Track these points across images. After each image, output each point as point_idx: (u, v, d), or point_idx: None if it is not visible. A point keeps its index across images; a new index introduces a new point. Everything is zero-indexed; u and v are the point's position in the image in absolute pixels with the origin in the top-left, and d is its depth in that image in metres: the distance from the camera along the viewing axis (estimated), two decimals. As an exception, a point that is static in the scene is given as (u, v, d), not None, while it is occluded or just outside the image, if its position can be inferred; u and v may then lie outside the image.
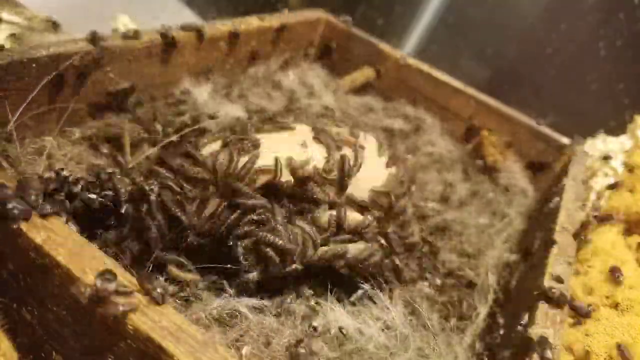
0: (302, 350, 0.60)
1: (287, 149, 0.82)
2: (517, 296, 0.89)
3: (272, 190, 0.78)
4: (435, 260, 0.98)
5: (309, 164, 0.80)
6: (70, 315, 0.58)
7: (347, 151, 0.85)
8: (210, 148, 0.83)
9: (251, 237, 0.72)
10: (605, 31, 1.70)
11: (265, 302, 0.73)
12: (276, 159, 0.78)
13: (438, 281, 0.94)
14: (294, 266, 0.73)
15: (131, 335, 0.53)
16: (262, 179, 0.78)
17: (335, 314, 0.74)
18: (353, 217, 0.82)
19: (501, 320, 0.86)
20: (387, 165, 0.91)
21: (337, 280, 0.80)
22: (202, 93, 1.10)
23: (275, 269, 0.73)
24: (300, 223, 0.76)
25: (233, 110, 1.08)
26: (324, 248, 0.76)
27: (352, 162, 0.83)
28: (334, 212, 0.80)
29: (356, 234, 0.81)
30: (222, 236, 0.73)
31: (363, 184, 0.85)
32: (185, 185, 0.75)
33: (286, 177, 0.79)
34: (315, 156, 0.83)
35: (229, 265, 0.72)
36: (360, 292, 0.80)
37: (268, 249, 0.72)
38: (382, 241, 0.85)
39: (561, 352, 0.70)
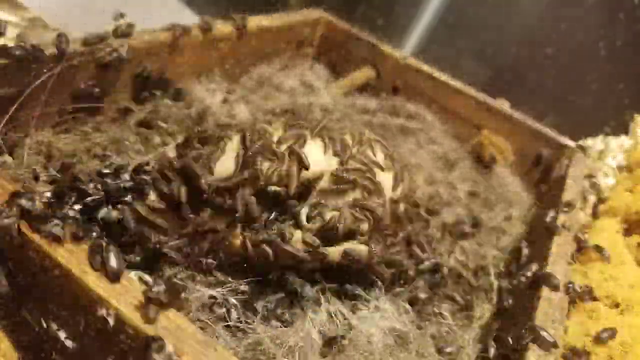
0: None
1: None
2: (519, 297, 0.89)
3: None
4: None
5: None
6: (70, 316, 0.58)
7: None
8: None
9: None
10: (605, 31, 1.70)
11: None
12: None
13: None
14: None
15: (131, 335, 0.53)
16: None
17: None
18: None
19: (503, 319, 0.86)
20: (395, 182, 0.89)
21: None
22: (204, 93, 1.10)
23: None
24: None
25: (237, 110, 1.08)
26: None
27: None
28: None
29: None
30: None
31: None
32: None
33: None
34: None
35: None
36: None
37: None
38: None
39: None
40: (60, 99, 0.86)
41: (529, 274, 0.83)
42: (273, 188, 0.74)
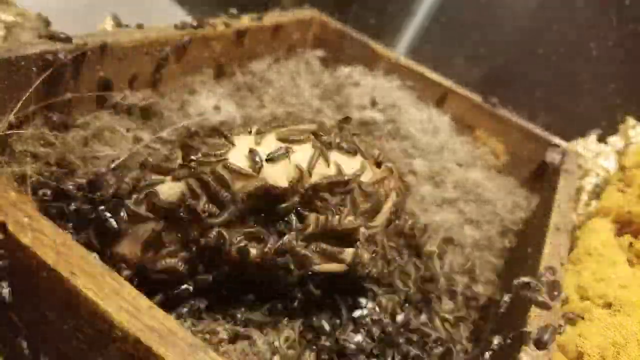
0: None
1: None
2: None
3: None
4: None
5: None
6: (58, 318, 0.57)
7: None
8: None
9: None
10: (596, 31, 1.71)
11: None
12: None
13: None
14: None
15: (120, 338, 0.52)
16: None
17: None
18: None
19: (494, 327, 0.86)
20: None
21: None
22: (194, 92, 1.09)
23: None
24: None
25: (227, 110, 1.07)
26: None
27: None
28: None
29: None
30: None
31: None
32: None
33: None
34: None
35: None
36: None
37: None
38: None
39: (554, 352, 0.70)
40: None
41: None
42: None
